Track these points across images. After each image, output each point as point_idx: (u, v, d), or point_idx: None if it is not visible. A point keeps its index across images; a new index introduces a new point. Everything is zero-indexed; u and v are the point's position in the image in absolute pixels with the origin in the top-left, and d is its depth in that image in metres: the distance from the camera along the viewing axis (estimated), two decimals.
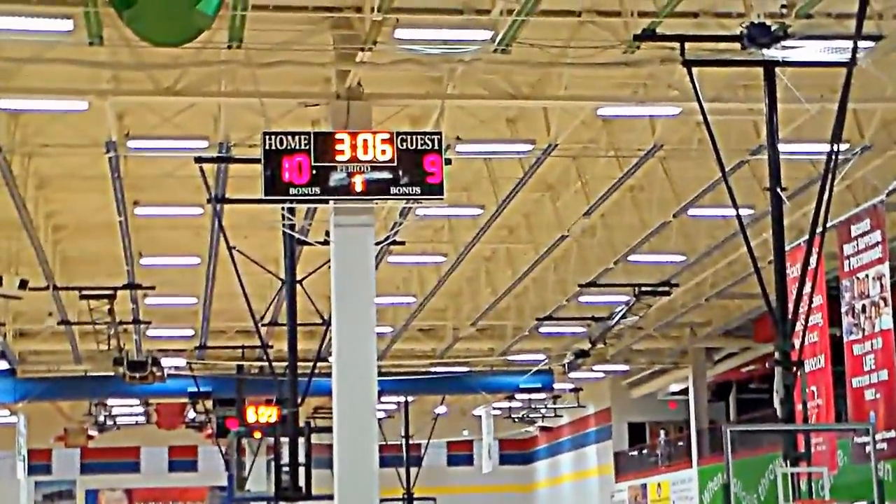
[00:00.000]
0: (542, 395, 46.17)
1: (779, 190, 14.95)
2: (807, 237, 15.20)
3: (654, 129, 21.59)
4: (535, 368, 39.66)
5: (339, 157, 16.79)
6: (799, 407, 14.69)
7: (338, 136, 17.01)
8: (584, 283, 29.85)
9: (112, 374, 34.64)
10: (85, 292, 28.72)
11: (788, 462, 14.28)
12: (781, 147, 15.32)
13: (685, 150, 22.60)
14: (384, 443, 21.07)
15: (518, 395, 45.80)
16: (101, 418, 46.82)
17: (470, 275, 32.96)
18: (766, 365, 34.63)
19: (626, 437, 48.40)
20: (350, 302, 17.97)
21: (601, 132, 22.67)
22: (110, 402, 45.46)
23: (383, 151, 16.88)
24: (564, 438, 54.34)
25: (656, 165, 23.91)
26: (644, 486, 45.64)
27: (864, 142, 21.40)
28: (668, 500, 43.57)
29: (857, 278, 18.84)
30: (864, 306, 18.73)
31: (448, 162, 17.49)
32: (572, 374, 39.40)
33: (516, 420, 50.62)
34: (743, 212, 16.56)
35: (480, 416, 48.70)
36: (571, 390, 47.17)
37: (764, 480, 34.00)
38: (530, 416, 50.19)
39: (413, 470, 41.52)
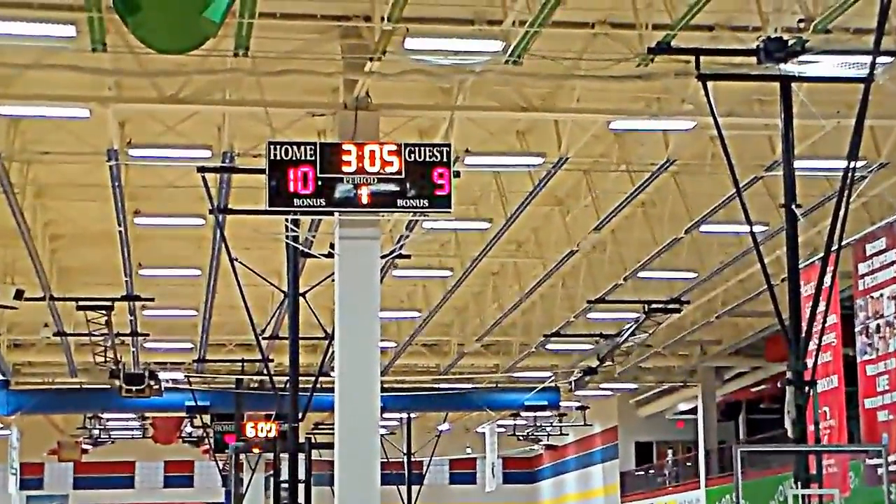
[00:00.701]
0: (547, 413, 45.82)
1: (794, 207, 14.66)
2: (821, 255, 14.88)
3: (668, 143, 21.33)
4: (541, 386, 39.32)
5: (345, 169, 16.52)
6: (811, 427, 14.38)
7: (344, 146, 16.75)
8: (593, 300, 29.63)
9: (108, 386, 34.34)
10: (82, 303, 28.41)
11: (799, 484, 14.00)
12: (797, 163, 15.02)
13: (698, 165, 22.35)
14: (385, 460, 20.76)
15: (523, 413, 45.43)
16: (96, 432, 46.48)
17: (476, 290, 32.69)
18: (777, 384, 34.32)
19: (633, 456, 48.05)
20: (354, 316, 17.75)
21: (613, 146, 22.41)
22: (105, 415, 45.11)
23: (390, 163, 16.60)
24: (570, 457, 53.99)
25: (669, 180, 23.66)
26: None
27: (880, 159, 21.19)
28: None
29: (872, 297, 18.62)
30: (878, 326, 18.53)
31: (457, 174, 17.20)
32: (579, 392, 39.09)
33: (521, 438, 50.27)
34: (756, 229, 16.29)
35: (484, 434, 48.35)
36: (578, 408, 46.86)
37: (773, 502, 33.64)
38: (535, 434, 49.85)
39: (414, 488, 41.14)
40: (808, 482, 14.06)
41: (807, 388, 14.17)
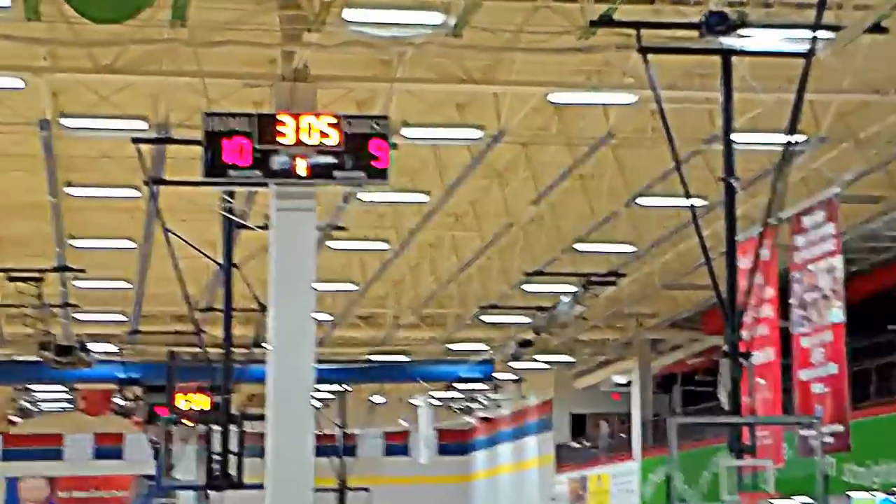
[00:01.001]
0: (482, 386, 45.82)
1: (732, 180, 14.73)
2: (759, 228, 14.97)
3: (608, 116, 21.22)
4: (477, 358, 39.30)
5: (282, 140, 16.37)
6: (745, 399, 14.45)
7: (281, 118, 16.56)
8: (530, 272, 29.53)
9: (38, 358, 33.90)
10: (12, 274, 28.00)
11: (733, 454, 14.11)
12: (736, 137, 15.07)
13: (638, 139, 22.25)
14: (319, 432, 20.69)
15: (458, 385, 45.41)
16: (25, 404, 45.94)
17: (413, 262, 32.54)
18: (713, 357, 34.44)
19: (568, 428, 48.09)
20: (288, 288, 17.54)
21: (552, 119, 22.28)
22: (34, 387, 44.54)
23: (328, 135, 16.47)
24: (505, 429, 54.05)
25: (608, 154, 23.54)
26: (584, 478, 45.40)
27: (819, 133, 21.17)
28: (609, 492, 43.34)
29: (808, 270, 18.63)
30: (814, 299, 18.51)
31: (394, 147, 17.04)
32: (516, 365, 39.11)
33: (456, 410, 50.26)
34: (695, 202, 16.28)
35: (419, 406, 48.30)
36: (513, 381, 46.86)
37: (706, 473, 33.79)
38: (470, 406, 49.84)
39: (348, 460, 41.04)
40: (741, 453, 14.21)
41: (741, 361, 14.30)
